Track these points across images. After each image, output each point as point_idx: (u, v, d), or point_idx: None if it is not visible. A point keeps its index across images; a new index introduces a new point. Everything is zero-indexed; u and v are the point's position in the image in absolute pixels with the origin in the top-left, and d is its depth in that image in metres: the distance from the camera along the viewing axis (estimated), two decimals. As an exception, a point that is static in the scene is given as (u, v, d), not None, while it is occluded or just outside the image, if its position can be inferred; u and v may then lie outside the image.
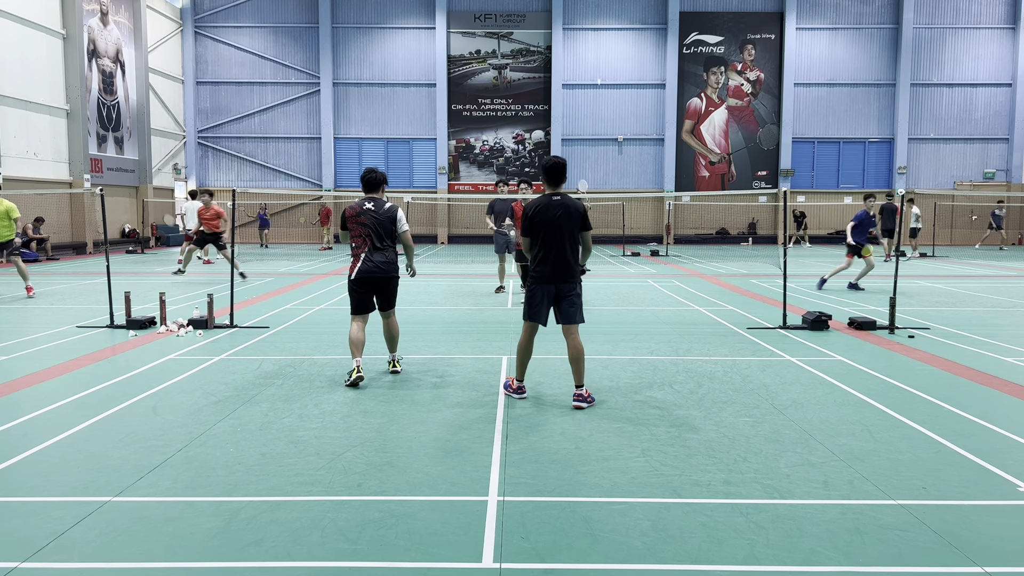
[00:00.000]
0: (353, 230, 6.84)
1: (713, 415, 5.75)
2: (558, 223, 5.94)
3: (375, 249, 6.80)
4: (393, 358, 7.29)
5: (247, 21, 32.99)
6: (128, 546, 3.58)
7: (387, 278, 6.87)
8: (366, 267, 6.77)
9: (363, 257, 6.78)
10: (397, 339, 7.25)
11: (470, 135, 33.66)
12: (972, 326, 10.01)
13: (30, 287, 13.15)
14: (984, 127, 33.12)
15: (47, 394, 6.35)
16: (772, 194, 32.84)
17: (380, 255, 6.80)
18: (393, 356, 7.29)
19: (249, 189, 23.20)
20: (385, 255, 6.83)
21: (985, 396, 6.41)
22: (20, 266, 13.25)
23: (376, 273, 6.78)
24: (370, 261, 6.77)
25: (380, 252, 6.81)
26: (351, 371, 6.71)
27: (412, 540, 3.61)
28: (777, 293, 11.73)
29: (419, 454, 4.85)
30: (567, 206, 5.98)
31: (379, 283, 6.87)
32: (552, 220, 5.94)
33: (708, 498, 4.12)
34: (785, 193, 10.52)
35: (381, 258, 6.80)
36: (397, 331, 7.23)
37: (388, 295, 6.99)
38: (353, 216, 6.82)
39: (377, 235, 6.80)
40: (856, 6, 32.77)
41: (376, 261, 6.77)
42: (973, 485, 4.34)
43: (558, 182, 6.08)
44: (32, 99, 23.14)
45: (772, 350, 8.39)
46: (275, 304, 12.06)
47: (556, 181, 6.07)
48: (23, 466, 4.64)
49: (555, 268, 5.99)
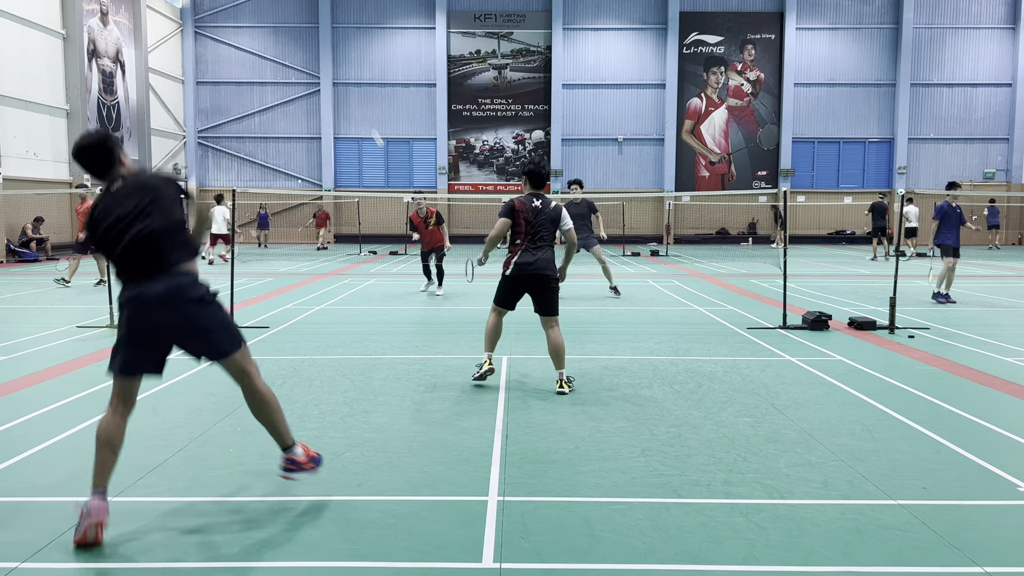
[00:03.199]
0: (517, 225, 6.43)
1: (713, 415, 5.75)
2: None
3: (533, 248, 6.41)
4: (560, 376, 6.45)
5: (247, 21, 32.99)
6: (128, 546, 3.58)
7: (543, 277, 6.43)
8: (523, 263, 6.38)
9: (519, 254, 6.41)
10: (563, 354, 6.48)
11: (470, 135, 33.67)
12: (972, 326, 10.01)
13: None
14: (984, 127, 33.13)
15: (47, 394, 6.34)
16: (772, 194, 32.84)
17: (540, 253, 6.41)
18: (560, 374, 6.46)
19: (249, 189, 23.23)
20: (544, 254, 6.43)
21: (985, 396, 6.41)
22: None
23: (533, 270, 6.38)
24: (529, 256, 6.39)
25: (539, 251, 6.42)
26: (480, 364, 6.67)
27: (412, 540, 3.61)
28: (777, 293, 11.73)
29: (419, 454, 4.85)
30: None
31: (534, 282, 6.43)
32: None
33: (708, 498, 4.12)
34: (785, 193, 10.52)
35: (541, 256, 6.41)
36: (561, 344, 6.49)
37: (546, 297, 6.48)
38: (522, 211, 6.42)
39: (540, 234, 6.42)
40: (856, 6, 32.78)
41: (535, 258, 6.39)
42: (973, 485, 4.33)
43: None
44: (32, 99, 23.15)
45: (772, 350, 8.39)
46: (275, 304, 12.06)
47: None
48: (23, 466, 4.64)
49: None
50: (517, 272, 6.42)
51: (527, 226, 6.42)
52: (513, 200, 6.50)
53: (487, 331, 6.70)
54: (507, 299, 6.62)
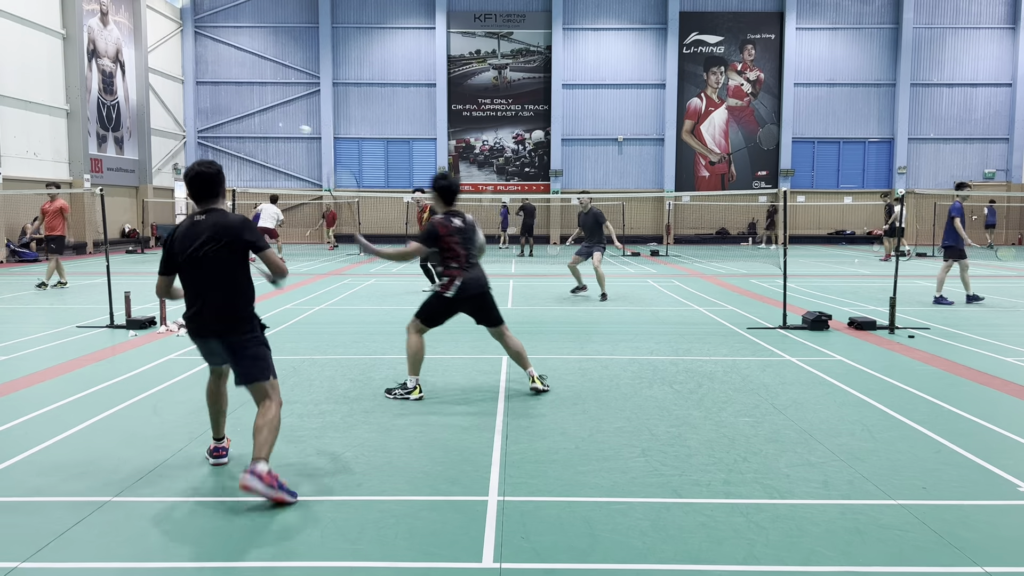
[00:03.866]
0: (446, 251, 6.19)
1: (713, 415, 5.75)
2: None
3: (470, 267, 6.24)
4: (532, 375, 6.49)
5: (247, 21, 32.99)
6: (128, 546, 3.58)
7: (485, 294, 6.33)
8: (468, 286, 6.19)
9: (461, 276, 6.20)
10: (525, 353, 6.50)
11: (470, 135, 33.66)
12: (972, 326, 10.01)
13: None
14: (984, 127, 33.12)
15: (47, 394, 6.34)
16: (772, 194, 32.84)
17: (476, 271, 6.28)
18: (530, 373, 6.49)
19: (249, 189, 23.22)
20: (479, 271, 6.32)
21: (985, 396, 6.41)
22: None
23: (477, 290, 6.25)
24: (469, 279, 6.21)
25: (475, 269, 6.29)
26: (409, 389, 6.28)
27: (412, 540, 3.61)
28: (777, 293, 11.73)
29: (419, 454, 4.85)
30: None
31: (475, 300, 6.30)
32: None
33: (708, 498, 4.12)
34: (785, 193, 10.52)
35: (478, 274, 6.29)
36: (520, 345, 6.52)
37: (489, 310, 6.39)
38: (446, 235, 6.16)
39: (469, 253, 6.28)
40: (856, 6, 32.78)
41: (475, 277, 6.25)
42: (973, 485, 4.33)
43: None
44: (32, 99, 23.15)
45: (772, 350, 8.39)
46: (275, 304, 12.06)
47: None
48: (23, 466, 4.64)
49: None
50: (460, 295, 6.17)
51: (457, 247, 6.18)
52: (435, 224, 6.17)
53: (412, 353, 6.31)
54: (439, 319, 6.35)
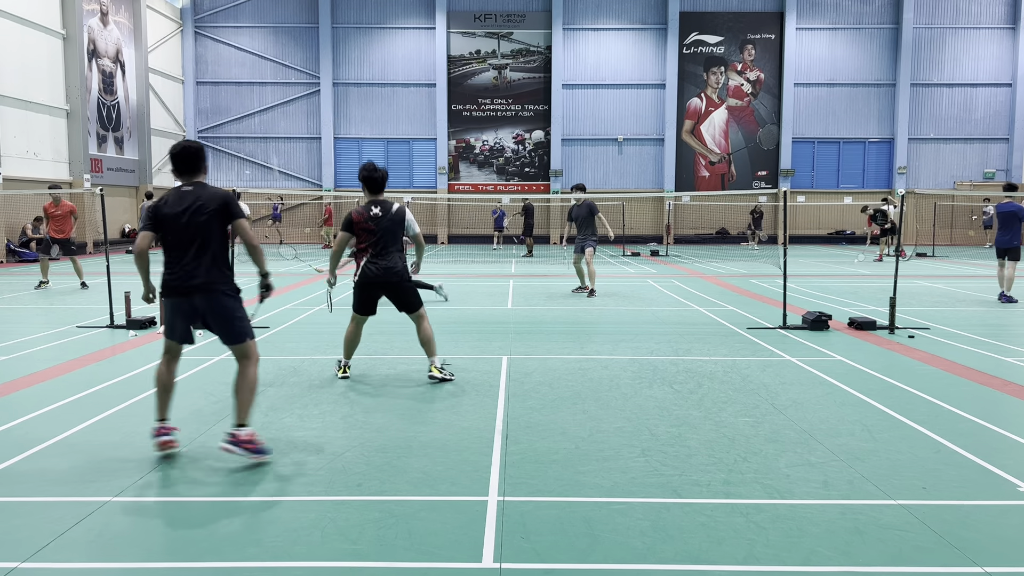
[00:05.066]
0: (359, 236, 6.61)
1: (713, 415, 5.75)
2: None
3: (378, 255, 6.58)
4: (432, 363, 6.82)
5: (247, 21, 32.98)
6: (128, 546, 3.58)
7: (394, 283, 6.64)
8: (369, 271, 6.60)
9: (364, 261, 6.65)
10: (432, 343, 6.83)
11: (470, 135, 33.66)
12: (972, 326, 10.01)
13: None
14: (984, 127, 33.11)
15: (47, 394, 6.35)
16: (772, 194, 32.84)
17: (385, 260, 6.58)
18: (431, 361, 6.82)
19: (249, 189, 23.20)
20: (389, 260, 6.59)
21: (985, 396, 6.41)
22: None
23: (381, 278, 6.59)
24: (373, 266, 6.59)
25: (384, 258, 6.58)
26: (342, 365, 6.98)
27: (412, 540, 3.61)
28: (777, 293, 11.73)
29: (419, 454, 4.85)
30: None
31: (386, 288, 6.67)
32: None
33: (708, 498, 4.12)
34: (785, 193, 10.52)
35: (386, 263, 6.57)
36: (430, 334, 6.83)
37: (403, 298, 6.73)
38: (360, 222, 6.56)
39: (383, 241, 6.57)
40: (856, 6, 32.77)
41: (381, 266, 6.57)
42: (973, 485, 4.33)
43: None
44: (32, 99, 23.14)
45: (772, 350, 8.39)
46: (275, 304, 12.06)
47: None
48: (23, 466, 4.64)
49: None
50: (364, 280, 6.63)
51: (368, 235, 6.57)
52: (351, 212, 6.63)
53: (346, 339, 6.93)
54: (362, 306, 6.79)
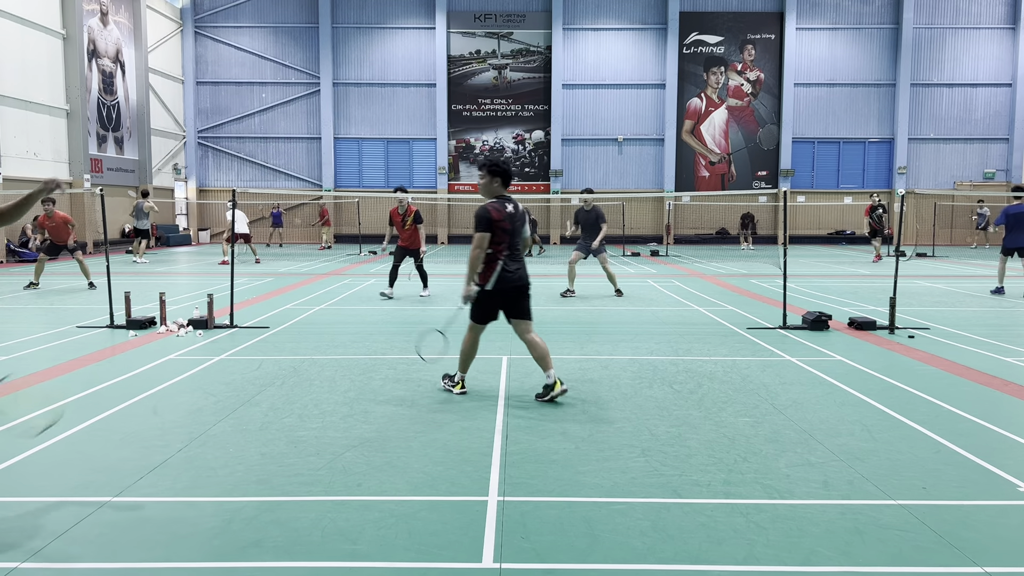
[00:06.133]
0: (496, 236, 6.02)
1: (713, 415, 5.75)
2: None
3: (512, 257, 6.11)
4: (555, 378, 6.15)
5: (247, 21, 32.98)
6: (128, 546, 3.57)
7: (526, 287, 6.23)
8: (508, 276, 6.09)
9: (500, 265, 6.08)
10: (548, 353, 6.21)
11: (470, 135, 33.66)
12: (972, 326, 10.01)
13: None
14: (984, 127, 33.12)
15: (47, 394, 6.34)
16: (772, 194, 32.84)
17: (518, 263, 6.16)
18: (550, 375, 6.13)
19: (249, 189, 23.20)
20: (521, 262, 6.20)
21: (985, 396, 6.41)
22: None
23: (520, 282, 6.16)
24: (510, 269, 6.09)
25: (517, 260, 6.16)
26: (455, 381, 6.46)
27: (412, 540, 3.61)
28: (777, 293, 11.73)
29: (419, 454, 4.85)
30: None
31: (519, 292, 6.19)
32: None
33: (708, 498, 4.12)
34: (785, 193, 10.52)
35: (519, 266, 6.17)
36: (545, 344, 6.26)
37: (524, 304, 6.26)
38: (500, 220, 6.03)
39: (514, 242, 6.12)
40: (856, 6, 32.77)
41: (517, 269, 6.14)
42: (973, 485, 4.33)
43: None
44: (32, 99, 23.14)
45: (772, 350, 8.39)
46: (275, 304, 12.06)
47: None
48: (23, 466, 4.64)
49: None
50: (501, 285, 6.06)
51: (505, 235, 6.03)
52: (488, 209, 6.03)
53: (464, 351, 6.38)
54: (487, 314, 6.24)
